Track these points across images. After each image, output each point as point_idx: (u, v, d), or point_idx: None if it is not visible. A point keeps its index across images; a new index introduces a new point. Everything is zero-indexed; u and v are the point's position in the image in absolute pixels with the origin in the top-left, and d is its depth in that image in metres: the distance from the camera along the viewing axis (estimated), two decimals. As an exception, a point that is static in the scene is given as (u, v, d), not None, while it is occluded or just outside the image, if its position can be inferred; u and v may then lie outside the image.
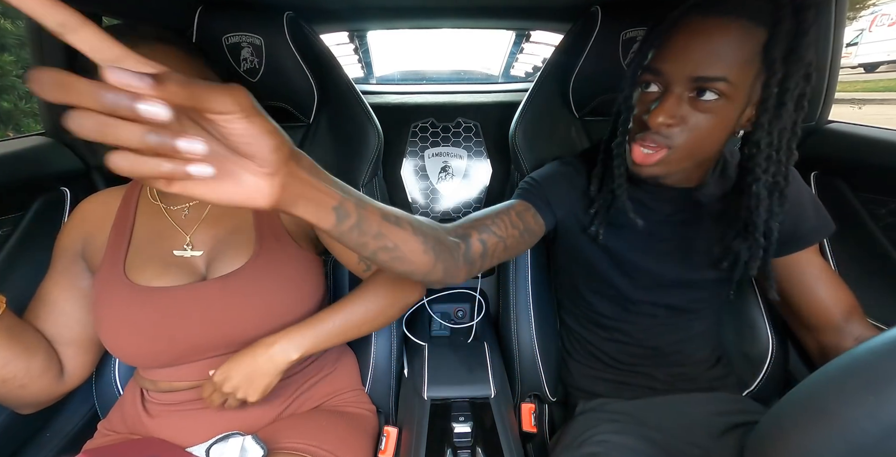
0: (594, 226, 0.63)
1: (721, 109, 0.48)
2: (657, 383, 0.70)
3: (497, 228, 0.56)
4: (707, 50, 0.46)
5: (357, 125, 0.80)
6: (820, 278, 0.64)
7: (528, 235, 0.61)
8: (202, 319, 0.56)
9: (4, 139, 0.76)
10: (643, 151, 0.53)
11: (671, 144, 0.51)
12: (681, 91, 0.49)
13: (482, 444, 0.65)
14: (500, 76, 1.73)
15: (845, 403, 0.33)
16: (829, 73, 0.77)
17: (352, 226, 0.37)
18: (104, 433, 0.63)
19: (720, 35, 0.46)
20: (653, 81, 0.51)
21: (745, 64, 0.46)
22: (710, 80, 0.47)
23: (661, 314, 0.67)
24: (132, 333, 0.55)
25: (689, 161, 0.53)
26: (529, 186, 0.67)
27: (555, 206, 0.64)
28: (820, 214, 0.64)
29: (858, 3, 8.63)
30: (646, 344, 0.69)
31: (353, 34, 1.43)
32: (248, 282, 0.58)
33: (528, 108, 0.82)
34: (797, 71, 0.46)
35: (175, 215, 0.62)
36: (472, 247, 0.52)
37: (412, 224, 0.43)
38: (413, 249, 0.42)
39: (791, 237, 0.62)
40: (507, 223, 0.58)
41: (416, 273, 0.45)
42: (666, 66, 0.49)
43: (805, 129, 0.81)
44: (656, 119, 0.49)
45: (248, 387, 0.55)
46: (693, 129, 0.50)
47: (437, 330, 1.00)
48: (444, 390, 0.75)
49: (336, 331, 0.59)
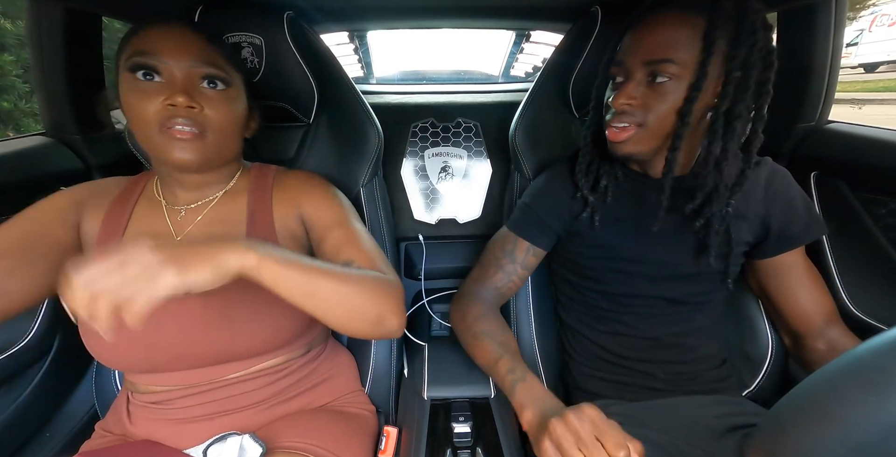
0: (585, 213, 0.69)
1: (674, 89, 0.55)
2: (658, 384, 0.70)
3: (521, 278, 0.74)
4: (655, 38, 0.54)
5: (357, 125, 0.80)
6: (805, 283, 0.67)
7: (534, 267, 0.74)
8: (180, 334, 0.54)
9: (4, 139, 0.76)
10: (614, 130, 0.60)
11: (640, 122, 0.57)
12: (640, 76, 0.56)
13: (482, 444, 0.65)
14: (500, 76, 1.73)
15: (845, 403, 0.33)
16: (829, 73, 0.77)
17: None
18: (101, 434, 0.63)
19: (665, 25, 0.54)
20: (617, 73, 0.59)
21: (688, 48, 0.53)
22: (659, 63, 0.54)
23: (658, 305, 0.69)
24: (114, 340, 0.53)
25: (657, 139, 0.59)
26: (525, 215, 0.74)
27: (551, 223, 0.72)
28: (811, 215, 0.65)
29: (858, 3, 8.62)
30: (646, 335, 0.70)
31: (353, 34, 1.42)
32: (231, 300, 0.55)
33: (528, 108, 0.82)
34: (745, 53, 0.52)
35: (174, 214, 0.62)
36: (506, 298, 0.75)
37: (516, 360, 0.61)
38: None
39: (780, 237, 0.64)
40: (524, 273, 0.73)
41: None
42: (625, 57, 0.57)
43: (805, 129, 0.81)
44: (618, 100, 0.57)
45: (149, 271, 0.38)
46: (653, 108, 0.56)
47: (437, 330, 1.00)
48: (444, 390, 0.75)
49: (303, 274, 0.45)
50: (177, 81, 0.52)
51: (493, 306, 0.72)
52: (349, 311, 0.49)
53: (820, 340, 0.67)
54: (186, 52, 0.53)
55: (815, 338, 0.67)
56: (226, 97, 0.56)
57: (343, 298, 0.48)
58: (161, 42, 0.52)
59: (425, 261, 1.08)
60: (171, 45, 0.52)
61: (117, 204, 0.61)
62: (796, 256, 0.67)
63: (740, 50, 0.52)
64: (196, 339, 0.55)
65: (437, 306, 1.04)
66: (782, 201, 0.64)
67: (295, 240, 0.63)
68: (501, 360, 0.61)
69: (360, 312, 0.50)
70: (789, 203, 0.64)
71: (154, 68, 0.52)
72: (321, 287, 0.46)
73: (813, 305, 0.67)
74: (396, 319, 0.54)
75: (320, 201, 0.64)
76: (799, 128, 0.81)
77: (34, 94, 1.27)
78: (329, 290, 0.47)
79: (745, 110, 0.55)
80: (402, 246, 1.13)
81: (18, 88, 2.91)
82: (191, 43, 0.53)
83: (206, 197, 0.62)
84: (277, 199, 0.63)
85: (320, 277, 0.47)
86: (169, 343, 0.54)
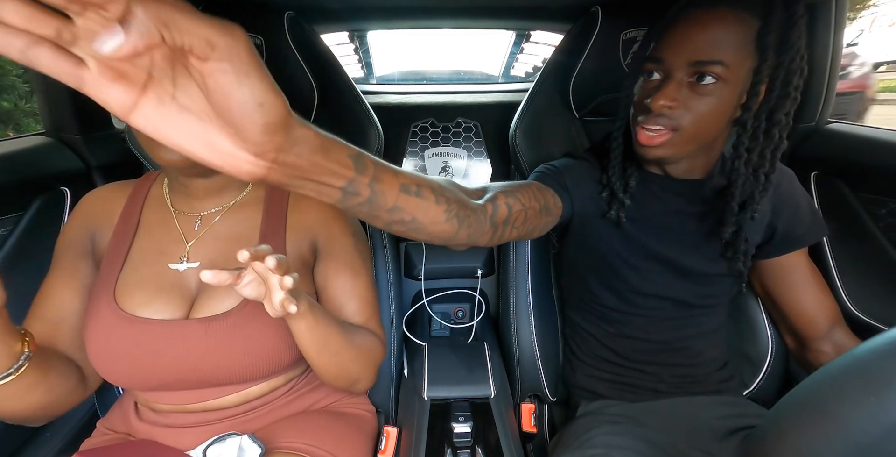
0: (613, 210, 0.64)
1: (720, 92, 0.51)
2: (662, 386, 0.70)
3: (522, 195, 0.56)
4: (704, 37, 0.50)
5: (357, 125, 0.80)
6: (809, 284, 0.67)
7: (545, 214, 0.60)
8: (182, 358, 0.53)
9: (4, 139, 0.76)
10: (647, 133, 0.55)
11: (676, 125, 0.54)
12: (681, 76, 0.52)
13: (482, 444, 0.65)
14: (500, 76, 1.73)
15: (845, 403, 0.33)
16: (829, 73, 0.77)
17: (362, 202, 0.35)
18: (103, 432, 0.62)
19: (716, 23, 0.50)
20: (654, 69, 0.55)
21: (739, 49, 0.50)
22: (707, 64, 0.50)
23: (668, 308, 0.68)
24: (113, 360, 0.53)
25: (693, 144, 0.56)
26: (549, 170, 0.67)
27: (573, 193, 0.65)
28: (815, 217, 0.65)
29: (858, 4, 8.62)
30: (654, 338, 0.69)
31: (354, 34, 1.42)
32: (233, 327, 0.54)
33: (528, 109, 0.82)
34: (790, 59, 0.50)
35: (184, 223, 0.60)
36: (499, 209, 0.51)
37: (435, 192, 0.41)
38: (434, 220, 0.41)
39: (785, 238, 0.64)
40: (530, 195, 0.57)
41: (435, 240, 0.44)
42: (667, 54, 0.52)
43: (805, 129, 0.81)
44: (658, 101, 0.52)
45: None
46: (694, 111, 0.52)
47: (437, 330, 1.00)
48: (444, 390, 0.75)
49: (325, 335, 0.53)
50: None
51: (476, 190, 0.53)
52: (338, 369, 0.56)
53: (826, 342, 0.66)
54: None
55: (821, 341, 0.67)
56: None
57: (341, 359, 0.55)
58: None
59: (425, 261, 1.08)
60: None
61: (126, 211, 0.60)
62: (799, 258, 0.66)
63: (786, 56, 0.49)
64: (196, 364, 0.54)
65: (436, 306, 1.04)
66: (790, 203, 0.63)
67: (304, 265, 0.62)
68: None
69: (344, 372, 0.57)
70: (796, 205, 0.64)
71: None
72: (332, 344, 0.54)
73: (817, 306, 0.67)
74: (367, 384, 0.63)
75: (338, 238, 0.63)
76: (799, 128, 0.81)
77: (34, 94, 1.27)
78: (336, 349, 0.54)
79: (785, 117, 0.53)
80: (403, 246, 1.13)
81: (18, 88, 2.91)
82: None
83: (218, 206, 0.61)
84: (293, 222, 0.62)
85: (336, 336, 0.54)
86: (168, 367, 0.53)
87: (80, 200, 0.62)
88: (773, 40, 0.49)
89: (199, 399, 0.57)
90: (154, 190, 0.63)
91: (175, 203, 0.61)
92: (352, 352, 0.56)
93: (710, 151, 0.60)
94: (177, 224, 0.60)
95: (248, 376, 0.57)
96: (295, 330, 0.51)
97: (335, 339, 0.54)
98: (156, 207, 0.61)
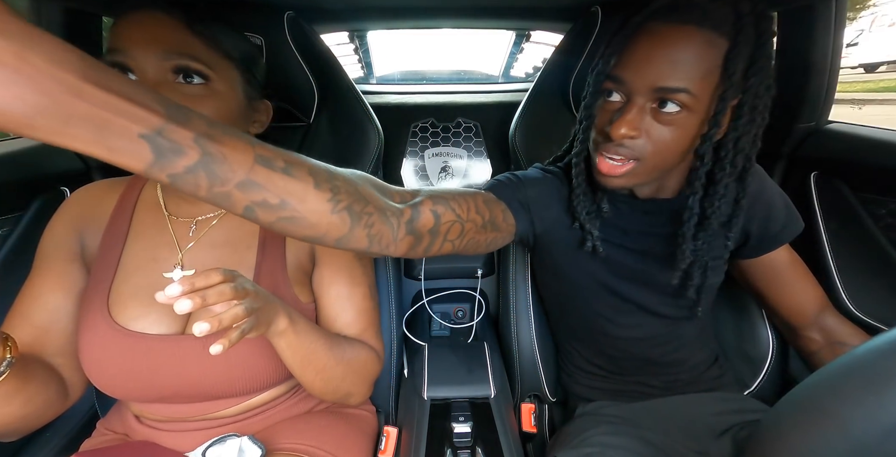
0: (588, 242, 0.60)
1: (683, 121, 0.47)
2: (655, 390, 0.70)
3: (459, 205, 0.49)
4: (669, 60, 0.45)
5: (357, 125, 0.80)
6: (792, 276, 0.66)
7: (491, 230, 0.54)
8: (180, 374, 0.52)
9: (4, 139, 0.76)
10: (608, 161, 0.51)
11: (638, 156, 0.50)
12: (643, 102, 0.48)
13: (482, 444, 0.65)
14: (500, 76, 1.73)
15: (845, 403, 0.33)
16: (829, 73, 0.77)
17: (191, 167, 0.27)
18: (103, 432, 0.62)
19: (683, 44, 0.45)
20: (615, 90, 0.50)
21: (706, 75, 0.45)
22: (671, 92, 0.46)
23: (649, 324, 0.66)
24: (110, 374, 0.52)
25: (655, 172, 0.52)
26: (509, 181, 0.61)
27: (535, 212, 0.60)
28: (790, 211, 0.63)
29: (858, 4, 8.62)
30: (638, 355, 0.68)
31: (353, 34, 1.42)
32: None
33: (528, 109, 0.82)
34: (759, 82, 0.46)
35: (178, 228, 0.57)
36: (420, 216, 0.45)
37: (315, 175, 0.34)
38: (313, 208, 0.34)
39: (762, 239, 0.63)
40: (470, 206, 0.51)
41: (322, 239, 0.36)
42: (628, 75, 0.48)
43: (805, 129, 0.81)
44: (618, 130, 0.48)
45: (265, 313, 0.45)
46: (656, 141, 0.48)
47: (437, 330, 1.00)
48: (444, 390, 0.75)
49: (309, 349, 0.51)
50: (147, 79, 0.46)
51: (397, 191, 0.47)
52: (324, 384, 0.55)
53: (814, 329, 0.67)
54: (155, 43, 0.46)
55: (810, 328, 0.67)
56: (205, 93, 0.48)
57: (326, 376, 0.54)
58: (131, 35, 0.46)
59: (425, 261, 1.08)
60: (140, 37, 0.46)
61: (116, 213, 0.58)
62: (780, 253, 0.65)
63: (755, 78, 0.46)
64: (196, 379, 0.53)
65: (436, 306, 1.04)
66: (762, 206, 0.60)
67: (304, 274, 0.61)
68: None
69: (331, 387, 0.56)
70: (768, 204, 0.61)
71: (126, 66, 0.46)
72: (316, 362, 0.52)
73: (803, 297, 0.66)
74: (361, 398, 0.61)
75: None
76: (799, 128, 0.81)
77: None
78: (321, 366, 0.53)
79: (750, 143, 0.50)
80: None
81: (18, 88, 2.90)
82: (162, 31, 0.46)
83: (214, 210, 0.58)
84: None
85: (321, 353, 0.52)
86: (166, 382, 0.52)
87: (68, 198, 0.59)
88: (742, 63, 0.45)
89: (199, 412, 0.56)
90: (147, 191, 0.60)
91: (169, 206, 0.58)
92: (338, 369, 0.55)
93: (679, 171, 0.56)
94: (170, 229, 0.57)
95: (249, 389, 0.56)
96: (276, 347, 0.50)
97: (319, 355, 0.52)
98: (148, 210, 0.58)
